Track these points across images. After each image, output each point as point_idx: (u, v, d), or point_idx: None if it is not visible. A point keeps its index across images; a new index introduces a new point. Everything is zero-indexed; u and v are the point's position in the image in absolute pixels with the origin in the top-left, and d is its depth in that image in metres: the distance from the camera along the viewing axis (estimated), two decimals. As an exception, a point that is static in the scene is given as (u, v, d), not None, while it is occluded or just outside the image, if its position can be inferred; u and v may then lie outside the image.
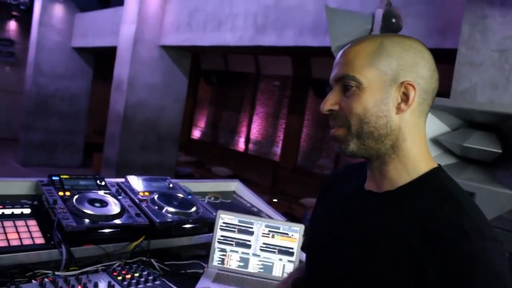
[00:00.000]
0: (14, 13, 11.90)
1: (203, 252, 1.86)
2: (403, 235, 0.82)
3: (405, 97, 0.87)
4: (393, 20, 3.00)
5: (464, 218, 0.80)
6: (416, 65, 0.88)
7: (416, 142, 0.90)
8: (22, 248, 1.40)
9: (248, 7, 5.47)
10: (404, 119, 0.88)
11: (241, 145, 11.10)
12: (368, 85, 0.86)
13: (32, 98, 9.61)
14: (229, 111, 11.66)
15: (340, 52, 0.93)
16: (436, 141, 1.82)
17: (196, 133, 12.85)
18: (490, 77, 2.80)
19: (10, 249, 1.37)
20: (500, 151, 1.64)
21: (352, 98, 0.88)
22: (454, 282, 0.75)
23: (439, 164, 0.94)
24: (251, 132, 10.88)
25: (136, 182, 1.97)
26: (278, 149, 10.12)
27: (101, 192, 1.77)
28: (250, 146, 10.86)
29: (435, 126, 1.83)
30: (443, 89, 2.31)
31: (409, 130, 0.89)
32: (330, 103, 0.91)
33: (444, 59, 3.39)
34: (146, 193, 1.89)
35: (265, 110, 10.67)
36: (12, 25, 13.49)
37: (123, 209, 1.67)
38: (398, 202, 0.88)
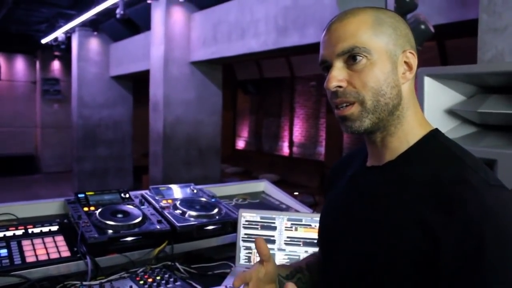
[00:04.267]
0: (56, 53, 12.52)
1: (234, 253, 1.87)
2: (410, 204, 0.81)
3: (408, 66, 0.88)
4: (407, 0, 2.94)
5: (468, 173, 0.79)
6: (408, 33, 0.90)
7: (414, 109, 0.91)
8: (49, 262, 1.47)
9: (268, 11, 5.50)
10: (406, 88, 0.89)
11: (285, 150, 11.09)
12: (377, 57, 0.85)
13: (80, 130, 10.07)
14: (270, 118, 11.69)
15: (334, 26, 0.89)
16: (451, 112, 1.76)
17: (240, 144, 12.96)
18: (517, 41, 2.67)
19: (37, 264, 1.45)
20: (518, 112, 1.56)
21: (363, 71, 0.85)
22: (467, 236, 0.73)
23: (436, 128, 0.92)
24: (294, 135, 10.86)
25: (159, 191, 2.02)
26: (322, 149, 10.04)
27: (124, 204, 1.82)
28: (294, 149, 10.84)
29: (449, 96, 1.77)
30: (472, 62, 2.22)
31: (410, 98, 0.90)
32: (337, 79, 0.86)
33: (469, 31, 3.27)
34: (169, 201, 1.93)
35: (305, 112, 10.63)
36: (56, 64, 14.23)
37: (145, 217, 1.72)
38: (400, 170, 0.87)
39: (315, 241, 1.74)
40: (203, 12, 7.03)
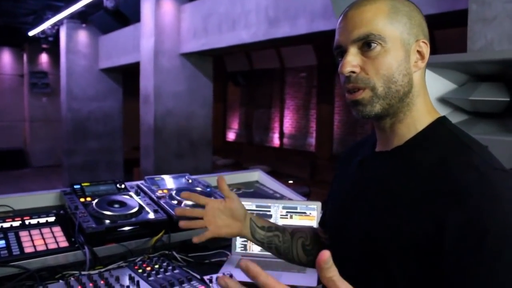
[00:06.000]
0: (44, 45, 12.39)
1: (229, 241, 1.89)
2: (417, 189, 0.83)
3: (420, 55, 0.90)
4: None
5: (473, 157, 0.81)
6: (422, 23, 0.91)
7: (424, 97, 0.93)
8: (47, 252, 1.47)
9: (258, 2, 5.49)
10: (417, 76, 0.91)
11: (275, 141, 11.13)
12: (391, 45, 0.87)
13: (69, 123, 10.01)
14: (260, 109, 11.71)
15: (350, 12, 0.90)
16: (443, 100, 1.79)
17: (231, 135, 12.97)
18: (506, 30, 2.70)
19: (36, 254, 1.45)
20: (508, 99, 1.59)
21: (377, 58, 0.87)
22: (473, 220, 0.74)
23: (444, 116, 0.94)
24: (284, 126, 10.89)
25: (155, 182, 2.03)
26: (312, 140, 10.09)
27: (121, 194, 1.83)
28: (285, 140, 10.87)
29: (441, 84, 1.79)
30: (461, 52, 2.24)
31: (421, 85, 0.92)
32: (351, 64, 0.88)
33: (459, 21, 3.30)
34: (165, 191, 1.94)
35: (295, 103, 10.65)
36: (44, 57, 14.09)
37: (141, 207, 1.73)
38: (408, 155, 0.89)
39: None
40: (193, 3, 7.00)
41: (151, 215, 1.70)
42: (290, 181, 6.07)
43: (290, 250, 1.23)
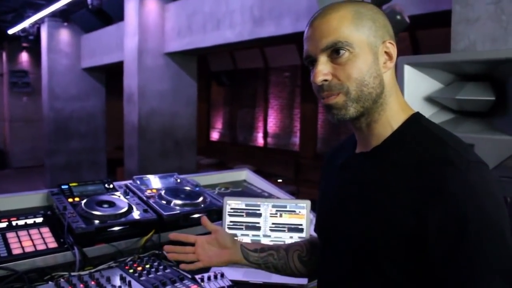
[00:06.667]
0: (24, 44, 12.18)
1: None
2: (396, 187, 0.85)
3: (388, 55, 0.92)
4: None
5: (449, 152, 0.83)
6: (387, 25, 0.94)
7: (396, 96, 0.95)
8: (36, 253, 1.45)
9: (243, 1, 5.49)
10: (388, 76, 0.93)
11: (260, 140, 11.13)
12: (359, 49, 0.89)
13: (51, 123, 9.87)
14: (244, 109, 11.70)
15: (316, 22, 0.93)
16: (430, 99, 1.81)
17: (215, 135, 12.94)
18: (488, 31, 2.75)
19: (24, 255, 1.43)
20: (494, 98, 1.62)
21: (347, 64, 0.89)
22: (451, 213, 0.77)
23: (417, 112, 0.97)
24: (268, 126, 10.90)
25: (143, 181, 2.02)
26: (296, 139, 10.12)
27: (109, 194, 1.82)
28: (269, 140, 10.89)
29: (428, 84, 1.82)
30: (443, 52, 2.28)
31: (391, 85, 0.94)
32: (323, 73, 0.90)
33: (442, 22, 3.35)
34: (154, 190, 1.93)
35: (279, 102, 10.67)
36: (24, 56, 13.86)
37: (131, 207, 1.72)
38: (386, 155, 0.92)
39: (300, 226, 1.79)
40: (178, 2, 6.97)
41: (141, 215, 1.69)
42: (279, 180, 6.08)
43: (288, 265, 1.25)
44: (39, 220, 1.64)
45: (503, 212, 0.80)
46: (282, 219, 1.80)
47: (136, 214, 1.69)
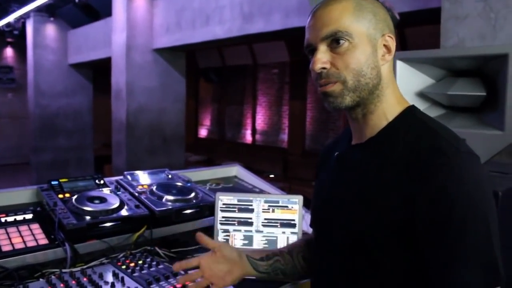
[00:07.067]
0: (9, 39, 12.02)
1: (211, 236, 1.88)
2: (390, 177, 0.87)
3: (387, 48, 0.95)
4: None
5: (441, 142, 0.85)
6: (387, 19, 0.96)
7: (393, 89, 0.98)
8: (26, 250, 1.43)
9: (233, -3, 5.48)
10: (385, 69, 0.96)
11: (248, 137, 11.13)
12: (358, 40, 0.92)
13: (37, 120, 9.74)
14: (232, 106, 11.68)
15: (318, 12, 0.95)
16: (422, 95, 1.82)
17: (203, 132, 12.90)
18: (477, 28, 2.78)
19: (14, 252, 1.41)
20: (484, 93, 1.64)
21: (346, 54, 0.92)
22: (439, 200, 0.79)
23: (413, 105, 0.99)
24: (257, 123, 10.90)
25: (134, 177, 2.00)
26: (285, 136, 10.13)
27: (100, 190, 1.80)
28: (257, 137, 10.88)
29: (420, 79, 1.83)
30: (431, 49, 2.29)
31: (389, 77, 0.97)
32: (322, 61, 0.93)
33: (431, 19, 3.37)
34: (145, 186, 1.92)
35: (267, 99, 10.67)
36: (9, 51, 13.66)
37: (122, 203, 1.70)
38: (380, 145, 0.94)
39: (292, 222, 1.79)
40: (166, -2, 6.92)
41: (133, 211, 1.68)
42: (271, 175, 6.10)
43: (296, 268, 1.25)
44: (29, 216, 1.61)
45: (490, 203, 0.82)
46: (274, 214, 1.80)
47: (127, 210, 1.68)
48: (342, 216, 0.96)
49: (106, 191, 1.80)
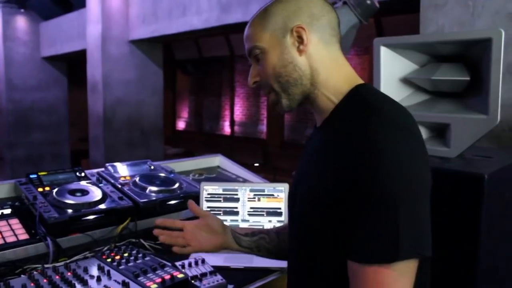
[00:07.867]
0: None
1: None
2: (330, 156, 0.89)
3: (300, 39, 0.95)
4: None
5: (371, 118, 0.84)
6: (299, 9, 0.96)
7: (332, 71, 0.97)
8: (5, 246, 1.38)
9: (210, -13, 5.40)
10: (310, 57, 0.96)
11: (226, 129, 11.08)
12: (268, 47, 0.96)
13: (10, 114, 9.51)
14: (210, 97, 11.61)
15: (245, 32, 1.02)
16: (406, 80, 1.82)
17: (181, 124, 12.80)
18: (456, 16, 2.79)
19: (-6, 249, 1.36)
20: (468, 78, 1.64)
21: (262, 64, 0.97)
22: (359, 169, 0.80)
23: (361, 83, 0.99)
24: (235, 114, 10.86)
25: (116, 169, 1.96)
26: (263, 127, 10.13)
27: (81, 182, 1.75)
28: (236, 128, 10.85)
29: (404, 65, 1.83)
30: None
31: (320, 63, 0.96)
32: (252, 76, 1.01)
33: (410, 8, 3.38)
34: (128, 177, 1.88)
35: (245, 91, 10.64)
36: (-22, 45, 13.23)
37: (105, 195, 1.66)
38: (329, 126, 0.96)
39: (278, 210, 1.78)
40: (141, -12, 6.79)
41: (116, 203, 1.64)
42: (256, 164, 6.09)
43: (280, 247, 1.26)
44: (7, 211, 1.56)
45: (418, 179, 0.82)
46: (260, 203, 1.79)
47: (111, 202, 1.63)
48: (300, 194, 0.99)
49: (87, 183, 1.75)
